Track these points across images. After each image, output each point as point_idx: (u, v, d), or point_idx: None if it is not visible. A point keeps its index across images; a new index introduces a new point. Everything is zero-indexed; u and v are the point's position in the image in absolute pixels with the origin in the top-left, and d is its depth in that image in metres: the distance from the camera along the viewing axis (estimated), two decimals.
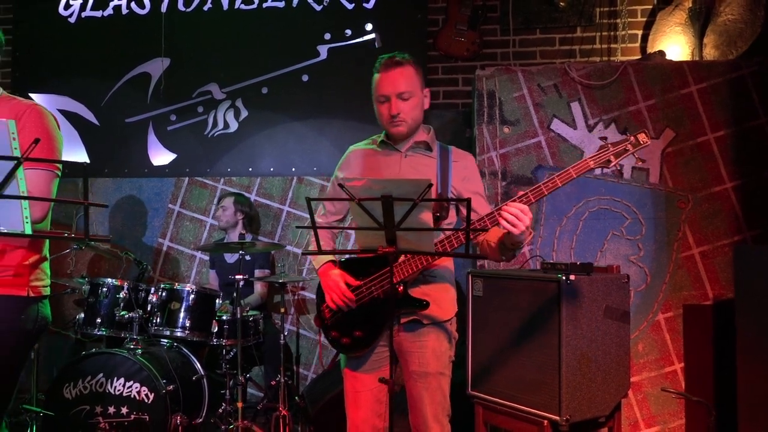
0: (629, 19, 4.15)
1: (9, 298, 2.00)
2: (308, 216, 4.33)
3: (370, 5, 4.39)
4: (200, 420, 3.34)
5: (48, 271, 2.17)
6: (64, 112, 4.63)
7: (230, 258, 4.05)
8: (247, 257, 4.01)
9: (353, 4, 4.41)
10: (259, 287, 4.01)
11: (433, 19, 4.39)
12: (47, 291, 2.15)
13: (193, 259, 4.53)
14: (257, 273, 4.03)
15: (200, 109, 4.54)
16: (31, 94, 4.69)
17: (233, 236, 4.02)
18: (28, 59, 4.73)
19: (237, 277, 3.17)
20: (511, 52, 4.29)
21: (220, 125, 4.53)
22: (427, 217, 1.72)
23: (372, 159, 2.19)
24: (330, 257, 2.22)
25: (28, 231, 1.55)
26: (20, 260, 2.03)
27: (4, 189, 1.48)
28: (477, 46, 4.31)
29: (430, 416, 2.04)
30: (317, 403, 3.65)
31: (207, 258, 4.39)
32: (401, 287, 2.01)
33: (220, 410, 3.42)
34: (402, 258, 1.97)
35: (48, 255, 2.17)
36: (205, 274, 4.42)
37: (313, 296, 4.39)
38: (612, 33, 4.22)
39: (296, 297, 4.43)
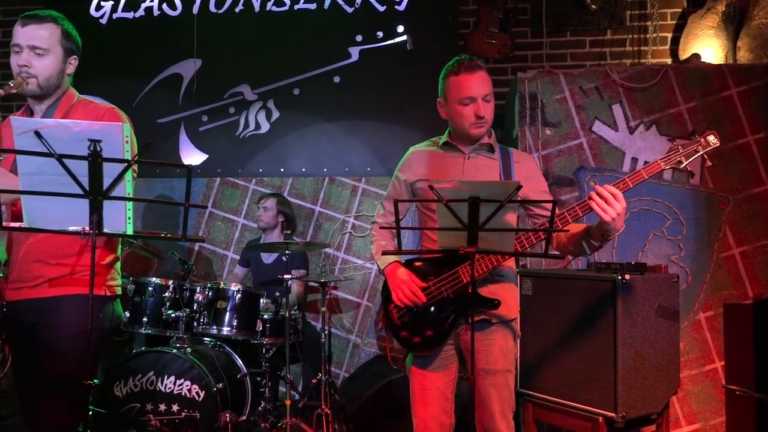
0: (660, 22, 4.21)
1: (88, 297, 2.03)
2: (341, 216, 4.39)
3: (401, 7, 4.44)
4: (243, 418, 3.38)
5: (120, 271, 2.22)
6: None
7: (267, 258, 4.08)
8: (284, 257, 4.05)
9: (385, 6, 4.45)
10: (295, 287, 4.04)
11: (464, 22, 4.44)
12: (120, 290, 2.19)
13: (225, 258, 4.56)
14: (294, 273, 4.05)
15: (232, 110, 4.58)
16: None
17: (270, 237, 4.06)
18: None
19: (286, 276, 3.22)
20: (543, 55, 4.33)
21: (252, 126, 4.57)
22: (511, 218, 1.77)
23: (435, 160, 2.23)
24: (395, 257, 2.25)
25: (130, 231, 1.59)
26: (97, 260, 2.07)
27: (112, 190, 1.52)
28: (508, 49, 4.35)
29: (497, 412, 2.09)
30: (355, 401, 3.69)
31: (237, 257, 4.42)
32: (470, 287, 2.05)
33: (260, 408, 3.46)
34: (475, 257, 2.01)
35: (120, 255, 2.22)
36: (235, 274, 4.45)
37: (346, 296, 4.45)
38: (642, 36, 4.27)
39: (328, 296, 4.47)
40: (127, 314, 3.36)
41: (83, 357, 2.03)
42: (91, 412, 3.12)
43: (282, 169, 4.52)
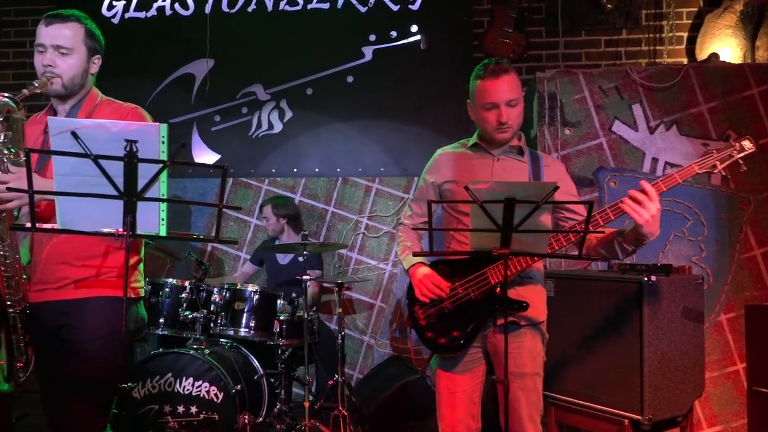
0: (675, 22, 4.18)
1: (113, 299, 2.02)
2: (354, 217, 4.36)
3: (415, 7, 4.42)
4: (260, 419, 3.36)
5: (143, 272, 2.20)
6: None
7: (282, 259, 4.06)
8: (300, 258, 4.03)
9: (398, 6, 4.43)
10: (310, 288, 4.01)
11: (479, 21, 4.42)
12: (143, 292, 2.17)
13: (237, 259, 4.54)
14: (309, 274, 4.03)
15: (244, 110, 4.56)
16: None
17: (285, 239, 4.04)
18: None
19: (305, 277, 3.19)
20: (558, 54, 4.31)
21: (265, 126, 4.55)
22: (546, 219, 1.75)
23: (463, 162, 2.21)
24: (419, 258, 2.23)
25: (163, 233, 1.58)
26: (122, 261, 2.05)
27: (147, 191, 1.50)
28: (523, 48, 4.33)
29: (525, 416, 2.06)
30: (371, 402, 3.67)
31: (249, 257, 4.41)
32: (498, 289, 2.03)
33: (275, 409, 3.44)
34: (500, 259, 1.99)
35: (143, 257, 2.20)
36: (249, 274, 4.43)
37: (359, 296, 4.43)
38: (658, 35, 4.25)
39: (342, 297, 4.44)
40: None
41: (109, 359, 2.02)
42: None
43: (295, 170, 4.50)
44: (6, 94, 1.80)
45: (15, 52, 4.87)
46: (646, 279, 2.43)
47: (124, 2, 4.69)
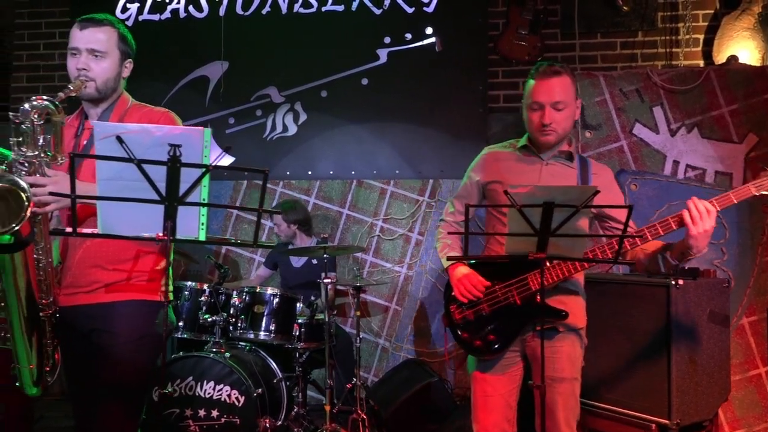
0: (692, 24, 4.17)
1: (144, 303, 2.02)
2: (369, 219, 4.36)
3: (430, 9, 4.41)
4: (280, 423, 3.35)
5: (171, 276, 2.19)
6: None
7: (296, 262, 4.05)
8: (314, 261, 4.03)
9: (413, 8, 4.42)
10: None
11: (494, 23, 4.41)
12: (172, 296, 2.16)
13: (251, 261, 4.54)
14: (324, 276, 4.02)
15: (259, 113, 4.56)
16: None
17: (297, 244, 4.03)
18: None
19: (326, 280, 3.18)
20: (573, 56, 4.30)
21: (279, 128, 4.55)
22: (584, 223, 1.74)
23: (511, 163, 2.19)
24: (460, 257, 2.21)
25: (203, 237, 1.57)
26: (153, 265, 2.05)
27: (188, 196, 1.49)
28: (538, 50, 4.32)
29: (562, 421, 2.05)
30: (389, 405, 3.66)
31: (263, 260, 4.40)
32: (539, 296, 2.01)
33: (293, 413, 3.43)
34: (546, 266, 1.98)
35: (172, 260, 2.19)
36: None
37: (374, 299, 4.42)
38: (674, 37, 4.24)
39: (355, 299, 4.44)
40: None
41: (141, 363, 2.02)
42: None
43: (309, 172, 4.49)
44: (46, 98, 1.79)
45: (29, 54, 4.87)
46: (673, 283, 2.42)
47: (138, 5, 4.69)
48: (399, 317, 4.41)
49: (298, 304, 3.40)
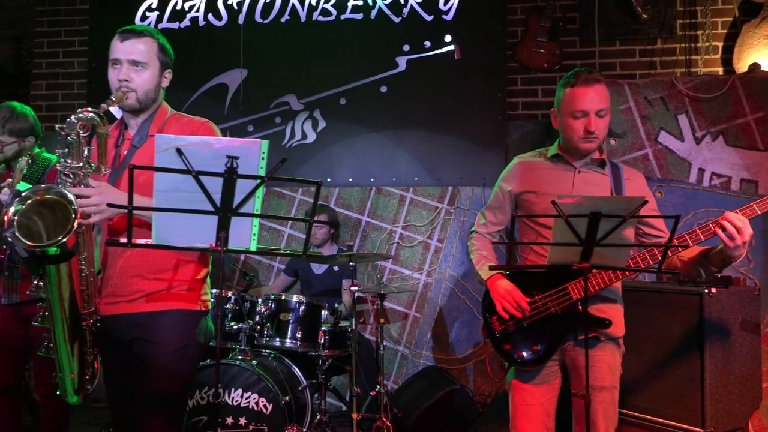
0: (711, 31, 4.19)
1: (185, 313, 2.03)
2: (388, 226, 4.36)
3: (449, 17, 4.43)
4: (304, 430, 3.35)
5: (210, 285, 2.20)
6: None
7: (318, 269, 4.07)
8: (335, 268, 4.04)
9: (432, 16, 4.44)
10: (347, 297, 4.02)
11: (512, 31, 4.43)
12: (211, 305, 2.17)
13: (271, 268, 4.55)
14: (345, 283, 4.04)
15: (278, 120, 4.57)
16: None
17: (325, 251, 4.04)
18: (104, 70, 4.73)
19: (352, 288, 3.19)
20: (592, 64, 4.31)
21: (298, 136, 4.56)
22: (629, 233, 1.75)
23: (542, 172, 2.19)
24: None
25: (253, 248, 1.58)
26: (192, 274, 2.06)
27: (242, 207, 1.50)
28: (557, 58, 4.34)
29: (601, 429, 2.05)
30: (412, 413, 3.66)
31: (283, 266, 4.41)
32: (579, 305, 2.02)
33: (316, 420, 3.43)
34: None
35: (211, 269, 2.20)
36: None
37: (394, 306, 4.42)
38: (692, 45, 4.25)
39: (375, 306, 4.45)
40: None
41: (182, 372, 2.03)
42: None
43: (329, 179, 4.50)
44: (91, 109, 1.81)
45: (48, 62, 4.90)
46: (706, 291, 2.43)
47: (158, 13, 4.72)
48: (418, 324, 4.41)
49: (323, 312, 3.40)
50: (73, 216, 1.70)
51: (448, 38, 4.42)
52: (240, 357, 3.20)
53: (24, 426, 3.14)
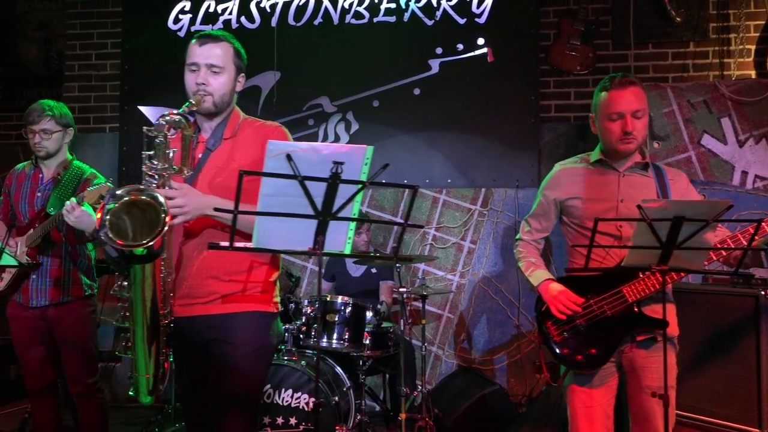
0: (744, 34, 4.22)
1: (260, 314, 2.05)
2: (420, 227, 4.37)
3: (481, 20, 4.46)
4: (349, 430, 3.38)
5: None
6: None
7: (355, 271, 4.09)
8: (373, 270, 4.07)
9: (465, 19, 4.47)
10: (387, 299, 4.05)
11: (545, 34, 4.46)
12: (281, 306, 2.20)
13: (304, 269, 4.58)
14: (382, 285, 4.06)
15: (311, 122, 4.61)
16: (140, 107, 4.76)
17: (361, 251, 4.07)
18: (137, 72, 4.80)
19: (401, 289, 3.22)
20: (626, 67, 4.34)
21: (331, 138, 4.59)
22: (709, 236, 1.77)
23: (587, 178, 2.22)
24: (548, 274, 2.24)
25: (348, 251, 1.61)
26: (266, 276, 2.09)
27: (341, 211, 1.53)
28: (590, 61, 4.37)
29: (661, 429, 2.08)
30: (450, 413, 3.69)
31: (316, 268, 4.43)
32: (636, 307, 2.05)
33: (357, 420, 3.46)
34: (638, 277, 2.02)
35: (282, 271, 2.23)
36: (315, 286, 4.47)
37: (427, 307, 4.44)
38: (725, 48, 4.28)
39: (408, 307, 4.47)
40: None
41: (259, 373, 2.06)
42: None
43: None
44: (177, 112, 1.85)
45: (80, 64, 4.93)
46: (763, 293, 2.45)
47: (191, 16, 4.75)
48: (451, 325, 4.45)
49: (368, 313, 3.43)
50: (164, 218, 1.73)
51: (480, 41, 4.45)
52: (287, 358, 3.23)
53: (66, 426, 3.17)
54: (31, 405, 3.06)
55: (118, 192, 1.70)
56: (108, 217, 1.71)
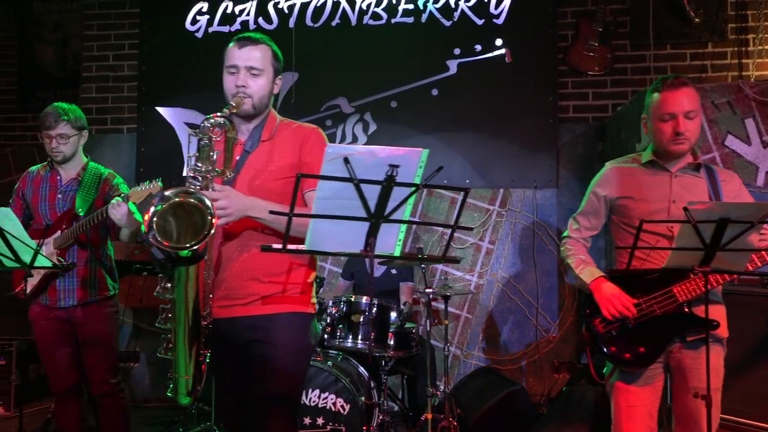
0: (763, 35, 4.22)
1: (299, 315, 2.07)
2: (439, 228, 4.38)
3: (500, 21, 4.47)
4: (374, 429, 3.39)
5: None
6: (191, 126, 4.70)
7: (376, 271, 4.09)
8: (393, 270, 4.07)
9: (483, 20, 4.48)
10: (405, 299, 4.06)
11: (563, 35, 4.46)
12: (317, 307, 2.21)
13: (322, 270, 4.59)
14: (402, 285, 4.07)
15: (329, 123, 4.61)
16: (158, 108, 4.77)
17: None
18: (155, 73, 4.81)
19: (427, 290, 3.23)
20: (644, 67, 4.35)
21: (349, 138, 4.60)
22: (754, 238, 1.78)
23: (637, 177, 2.23)
24: (600, 272, 2.24)
25: (397, 253, 1.62)
26: (304, 278, 2.10)
27: (393, 214, 1.54)
28: (608, 61, 4.38)
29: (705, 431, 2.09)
30: (474, 412, 3.70)
31: (336, 269, 4.45)
32: (686, 307, 2.06)
33: (379, 420, 3.47)
34: (689, 277, 2.02)
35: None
36: (332, 286, 4.48)
37: (444, 307, 4.45)
38: (743, 48, 4.29)
39: (431, 309, 4.47)
40: None
41: (299, 374, 2.07)
42: None
43: None
44: (220, 115, 1.86)
45: (98, 65, 4.94)
46: None
47: (208, 17, 4.76)
48: (470, 325, 4.45)
49: (392, 313, 3.43)
50: (210, 221, 1.73)
51: (498, 42, 4.46)
52: (312, 358, 3.23)
53: (89, 426, 3.18)
54: (55, 406, 3.08)
55: (167, 193, 1.70)
56: (155, 219, 1.72)
